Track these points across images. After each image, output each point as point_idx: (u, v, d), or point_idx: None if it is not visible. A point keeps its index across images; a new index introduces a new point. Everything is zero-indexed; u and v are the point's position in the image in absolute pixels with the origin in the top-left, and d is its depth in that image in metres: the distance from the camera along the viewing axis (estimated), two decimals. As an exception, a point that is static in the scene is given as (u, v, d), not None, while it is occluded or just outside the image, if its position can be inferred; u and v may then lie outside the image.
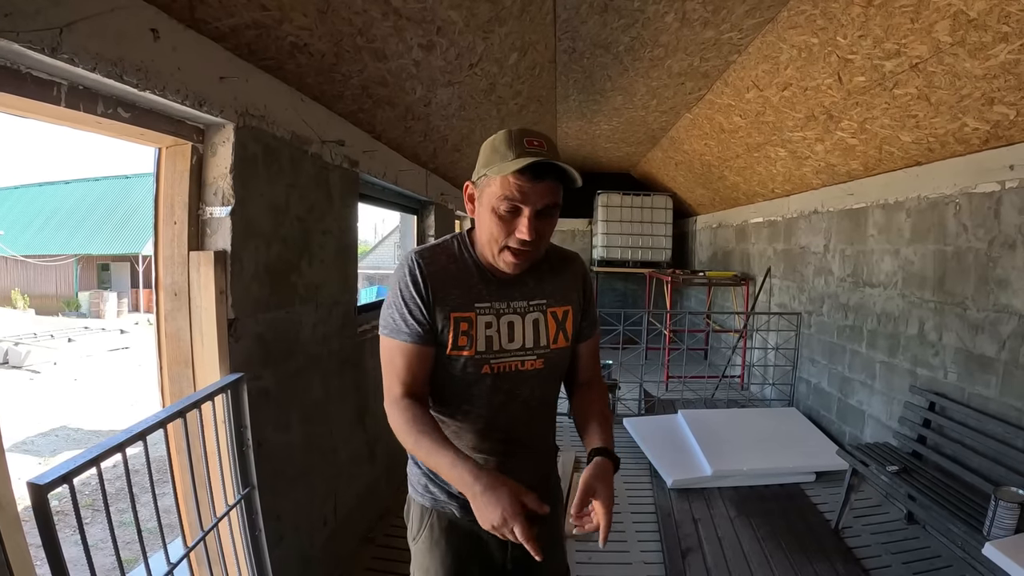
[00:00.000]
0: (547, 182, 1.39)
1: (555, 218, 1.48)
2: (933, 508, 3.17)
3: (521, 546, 1.48)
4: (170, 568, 1.71)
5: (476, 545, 1.62)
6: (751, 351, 7.52)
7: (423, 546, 1.62)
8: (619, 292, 11.76)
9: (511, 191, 1.37)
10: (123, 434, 1.58)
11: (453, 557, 1.60)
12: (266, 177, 2.46)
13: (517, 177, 1.37)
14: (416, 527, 1.63)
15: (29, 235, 24.93)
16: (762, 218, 7.45)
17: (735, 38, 4.00)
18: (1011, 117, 3.15)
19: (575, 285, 1.67)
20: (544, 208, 1.41)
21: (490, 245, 1.46)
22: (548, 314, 1.59)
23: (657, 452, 4.94)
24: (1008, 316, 3.42)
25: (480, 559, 1.63)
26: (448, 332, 1.48)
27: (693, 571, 3.42)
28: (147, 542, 1.64)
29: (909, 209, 4.38)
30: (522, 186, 1.37)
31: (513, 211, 1.40)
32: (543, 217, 1.43)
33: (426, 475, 1.61)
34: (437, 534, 1.60)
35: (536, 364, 1.56)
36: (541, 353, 1.56)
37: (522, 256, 1.45)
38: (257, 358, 2.42)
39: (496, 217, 1.42)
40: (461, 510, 1.57)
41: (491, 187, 1.41)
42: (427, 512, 1.62)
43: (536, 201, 1.39)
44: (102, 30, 1.54)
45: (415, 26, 2.74)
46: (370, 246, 32.51)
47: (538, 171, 1.37)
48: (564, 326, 1.61)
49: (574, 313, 1.64)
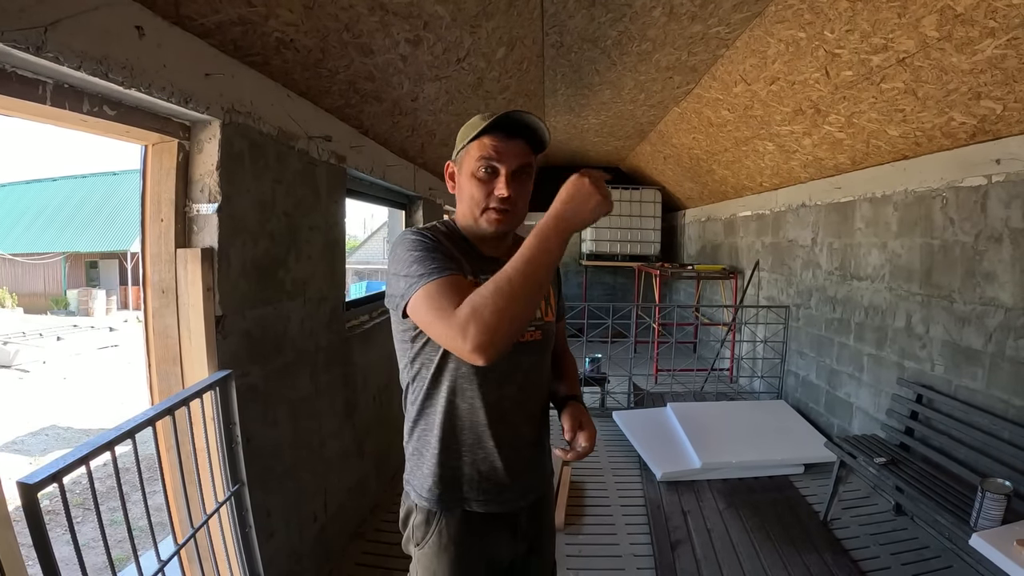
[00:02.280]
0: (519, 141, 1.50)
1: (530, 183, 1.57)
2: (921, 499, 3.21)
3: (526, 540, 1.65)
4: (160, 566, 1.71)
5: (484, 543, 1.62)
6: (740, 344, 7.54)
7: (430, 551, 1.61)
8: (608, 286, 11.77)
9: (487, 151, 1.48)
10: (112, 432, 1.57)
11: (462, 562, 1.60)
12: (253, 173, 2.45)
13: (492, 137, 1.48)
14: (422, 533, 1.61)
15: (16, 233, 24.70)
16: (750, 212, 7.47)
17: (723, 32, 4.00)
18: (997, 112, 3.17)
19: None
20: (519, 168, 1.51)
21: (472, 210, 1.53)
22: None
23: (646, 445, 4.96)
24: (994, 309, 3.45)
25: (487, 560, 1.64)
26: None
27: (682, 563, 3.44)
28: (138, 541, 1.63)
29: (896, 203, 4.40)
30: (496, 145, 1.48)
31: (490, 171, 1.50)
32: (518, 178, 1.52)
33: (432, 476, 1.59)
34: (446, 540, 1.59)
35: (535, 335, 1.61)
36: (538, 324, 1.61)
37: (504, 215, 1.52)
38: (245, 354, 2.41)
39: (476, 180, 1.51)
40: (474, 503, 1.59)
41: (469, 155, 1.52)
42: (434, 516, 1.60)
43: (511, 160, 1.49)
44: (87, 28, 1.53)
45: (402, 21, 2.74)
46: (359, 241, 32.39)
47: (510, 128, 1.48)
48: (549, 301, 1.69)
49: (554, 291, 1.74)
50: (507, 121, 1.46)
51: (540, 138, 1.52)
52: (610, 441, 5.43)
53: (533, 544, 1.72)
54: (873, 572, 3.36)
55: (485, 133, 1.48)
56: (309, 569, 2.98)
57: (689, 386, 7.04)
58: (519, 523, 1.66)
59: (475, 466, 1.58)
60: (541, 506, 1.75)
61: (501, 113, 1.45)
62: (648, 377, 7.48)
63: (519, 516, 1.66)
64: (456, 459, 1.58)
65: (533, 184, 1.60)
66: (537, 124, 1.48)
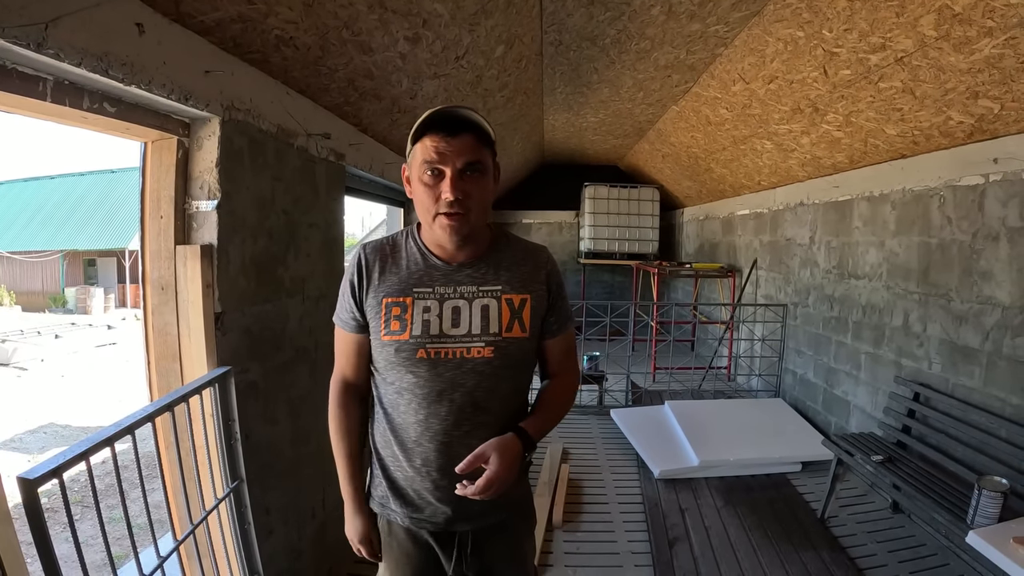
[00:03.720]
0: (462, 137, 1.41)
1: (484, 179, 1.48)
2: (918, 497, 3.22)
3: (476, 562, 1.62)
4: (160, 562, 1.71)
5: (421, 550, 1.61)
6: (738, 342, 7.56)
7: (384, 541, 1.67)
8: (606, 284, 11.78)
9: (429, 154, 1.41)
10: (112, 428, 1.58)
11: (400, 560, 1.63)
12: (252, 170, 2.45)
13: (432, 137, 1.41)
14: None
15: (14, 231, 24.64)
16: (748, 210, 7.48)
17: (721, 31, 4.01)
18: (995, 111, 3.18)
19: (538, 276, 1.60)
20: (465, 166, 1.42)
21: (425, 217, 1.49)
22: (503, 300, 1.53)
23: (644, 443, 4.97)
24: (991, 308, 3.46)
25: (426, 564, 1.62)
26: (380, 318, 1.51)
27: (680, 560, 3.45)
28: (137, 538, 1.64)
29: (894, 201, 4.41)
30: (437, 145, 1.40)
31: (436, 174, 1.43)
32: (468, 177, 1.44)
33: (378, 478, 1.64)
34: (387, 536, 1.64)
35: (484, 352, 1.48)
36: (491, 340, 1.49)
37: (455, 219, 1.44)
38: (244, 351, 2.42)
39: (423, 186, 1.45)
40: (404, 516, 1.59)
41: (415, 159, 1.45)
42: (378, 515, 1.66)
43: (455, 160, 1.41)
44: (87, 25, 1.53)
45: (401, 19, 2.74)
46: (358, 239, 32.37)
47: (448, 126, 1.40)
48: (520, 315, 1.54)
49: (534, 303, 1.57)
50: (442, 118, 1.40)
51: (482, 129, 1.45)
52: (608, 439, 5.44)
53: (485, 569, 1.64)
54: (870, 570, 3.38)
55: (425, 133, 1.42)
56: (308, 566, 2.99)
57: (687, 384, 7.05)
58: (460, 543, 1.60)
59: (405, 480, 1.57)
60: (498, 533, 1.64)
61: (431, 111, 1.39)
62: (646, 375, 7.49)
63: (457, 541, 1.60)
64: (390, 468, 1.60)
65: (495, 179, 1.54)
66: (471, 116, 1.42)
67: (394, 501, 1.59)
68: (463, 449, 1.45)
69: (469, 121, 1.42)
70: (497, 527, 1.63)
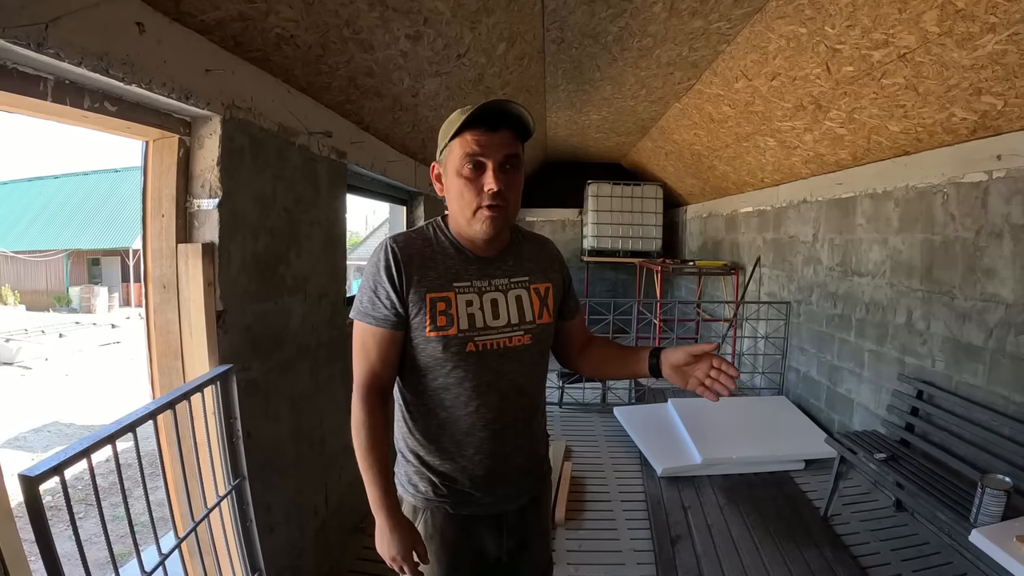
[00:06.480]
0: (503, 132, 1.45)
1: (519, 174, 1.52)
2: (921, 495, 3.21)
3: (515, 538, 1.63)
4: (161, 559, 1.72)
5: (470, 537, 1.63)
6: (741, 340, 7.54)
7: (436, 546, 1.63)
8: (609, 282, 11.76)
9: (470, 147, 1.43)
10: (113, 425, 1.58)
11: (448, 550, 1.61)
12: (253, 169, 2.46)
13: (473, 132, 1.43)
14: (410, 520, 1.61)
15: (19, 231, 24.69)
16: (751, 207, 7.47)
17: (724, 28, 4.00)
18: (998, 107, 3.17)
19: (553, 265, 1.73)
20: (505, 159, 1.46)
21: (463, 211, 1.49)
22: (531, 290, 1.62)
23: (647, 441, 4.97)
24: (995, 305, 3.45)
25: (475, 551, 1.64)
26: (424, 313, 1.49)
27: (682, 558, 3.45)
28: (139, 536, 1.64)
29: (897, 198, 4.40)
30: (479, 139, 1.43)
31: (477, 167, 1.45)
32: (507, 171, 1.47)
33: (417, 475, 1.61)
34: (431, 530, 1.61)
35: (524, 340, 1.57)
36: (528, 328, 1.58)
37: (496, 211, 1.47)
38: (246, 349, 2.42)
39: (463, 179, 1.46)
40: (456, 506, 1.59)
41: (453, 154, 1.47)
42: (419, 511, 1.63)
43: (496, 153, 1.44)
44: (88, 24, 1.54)
45: (402, 17, 2.74)
46: (361, 237, 32.37)
47: (492, 120, 1.43)
48: (547, 302, 1.65)
49: (555, 290, 1.69)
50: (487, 112, 1.42)
51: (524, 125, 1.48)
52: (611, 436, 5.43)
53: (522, 542, 1.70)
54: (873, 568, 3.37)
55: (466, 128, 1.44)
56: (310, 563, 3.00)
57: (690, 382, 7.01)
58: (505, 522, 1.65)
59: (455, 472, 1.58)
60: (532, 507, 1.73)
61: (479, 105, 1.41)
62: (649, 373, 7.45)
63: (504, 516, 1.65)
64: (436, 462, 1.59)
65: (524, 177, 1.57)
66: (519, 111, 1.44)
67: (443, 493, 1.60)
68: (511, 433, 1.59)
69: (509, 115, 1.45)
70: (533, 503, 1.72)
